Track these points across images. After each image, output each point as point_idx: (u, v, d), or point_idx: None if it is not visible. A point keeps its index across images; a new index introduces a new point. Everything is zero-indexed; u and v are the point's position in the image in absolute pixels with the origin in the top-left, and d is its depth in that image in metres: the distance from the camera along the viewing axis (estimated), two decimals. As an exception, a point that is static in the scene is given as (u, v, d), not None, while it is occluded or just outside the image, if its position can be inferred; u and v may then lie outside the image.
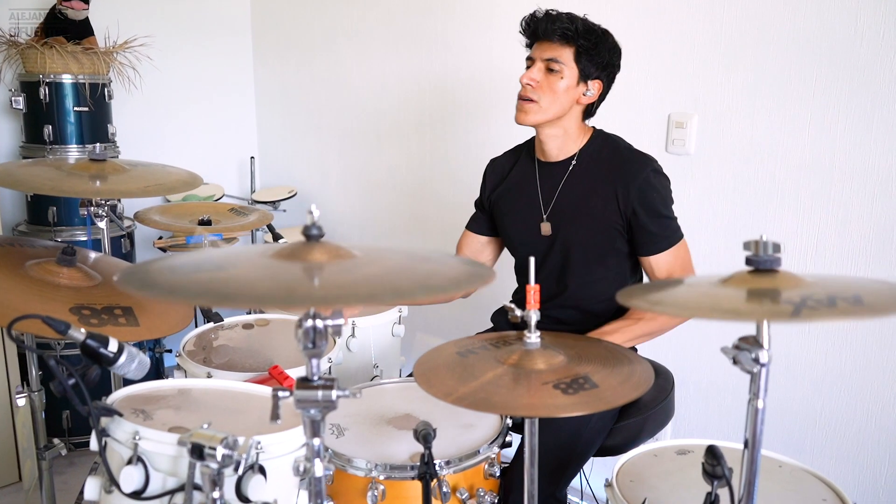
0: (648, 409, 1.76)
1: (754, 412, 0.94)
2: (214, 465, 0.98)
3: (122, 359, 1.21)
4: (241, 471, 1.04)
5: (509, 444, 1.58)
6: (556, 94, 1.69)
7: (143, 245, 3.30)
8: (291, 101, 3.61)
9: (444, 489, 1.38)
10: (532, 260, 1.16)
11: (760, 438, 0.94)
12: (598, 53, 1.69)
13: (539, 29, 1.69)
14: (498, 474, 1.49)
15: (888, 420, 1.93)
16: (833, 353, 1.99)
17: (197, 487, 1.11)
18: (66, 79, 2.79)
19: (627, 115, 2.26)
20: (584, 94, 1.72)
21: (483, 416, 1.59)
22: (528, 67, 1.73)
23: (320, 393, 0.95)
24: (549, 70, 1.69)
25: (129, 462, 1.15)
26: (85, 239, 2.87)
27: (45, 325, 1.18)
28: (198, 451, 0.98)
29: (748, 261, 0.91)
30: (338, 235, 3.46)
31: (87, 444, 2.90)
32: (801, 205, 2.00)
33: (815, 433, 2.04)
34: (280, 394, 0.97)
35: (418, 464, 1.36)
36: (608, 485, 1.34)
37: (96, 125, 2.90)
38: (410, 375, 1.90)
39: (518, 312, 1.18)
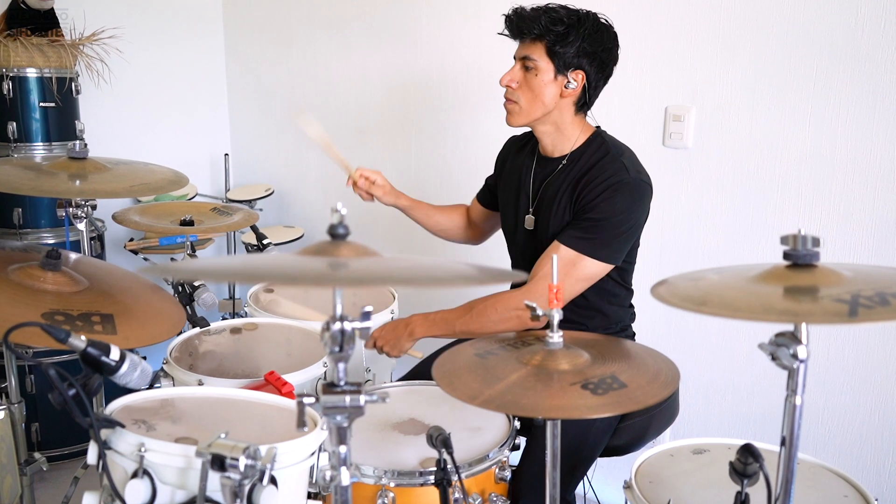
0: (653, 407, 1.76)
1: (792, 409, 0.95)
2: (236, 476, 0.97)
3: (125, 367, 1.19)
4: (264, 482, 1.02)
5: (517, 447, 1.58)
6: (534, 91, 1.70)
7: (112, 247, 3.24)
8: (266, 96, 3.57)
9: (457, 494, 1.38)
10: (555, 257, 1.17)
11: (798, 435, 0.96)
12: (569, 43, 1.65)
13: (510, 29, 1.72)
14: (509, 478, 1.49)
15: (892, 415, 1.97)
16: (835, 349, 2.03)
17: (208, 500, 1.10)
18: (31, 73, 2.72)
19: (624, 109, 2.28)
20: (565, 87, 1.70)
21: (490, 419, 1.59)
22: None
23: (348, 398, 0.94)
24: (525, 68, 1.71)
25: (135, 475, 1.13)
26: (52, 242, 2.81)
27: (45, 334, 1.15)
28: (219, 462, 0.96)
29: (786, 255, 0.92)
30: (317, 236, 3.43)
31: (58, 457, 2.82)
32: (803, 198, 2.03)
33: (819, 428, 2.08)
34: (305, 400, 0.96)
35: (430, 469, 1.37)
36: (627, 486, 1.35)
37: (63, 121, 2.83)
38: (404, 379, 1.90)
39: (540, 312, 1.18)
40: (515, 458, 1.64)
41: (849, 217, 1.97)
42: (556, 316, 1.17)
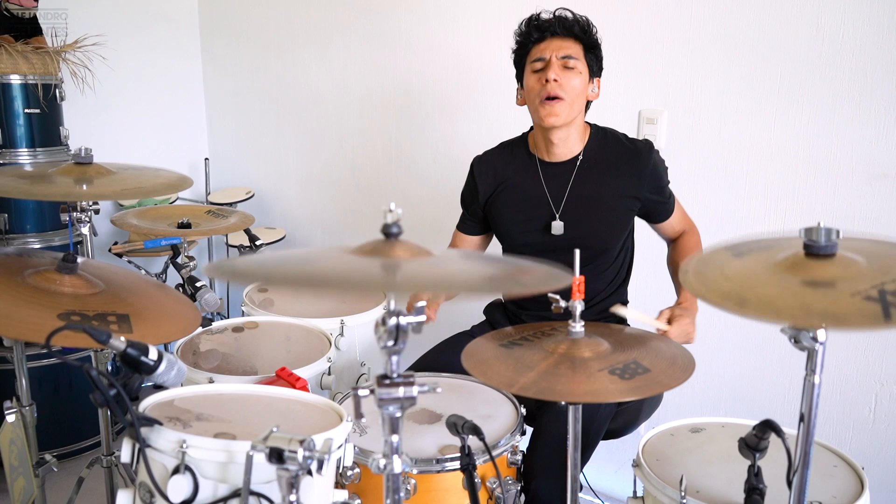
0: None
1: (811, 387, 0.98)
2: (294, 468, 0.95)
3: (162, 367, 1.16)
4: (323, 471, 1.00)
5: (524, 433, 1.59)
6: (576, 90, 1.71)
7: (96, 250, 3.13)
8: (245, 101, 3.50)
9: (476, 479, 1.38)
10: (577, 252, 1.18)
11: (816, 412, 0.99)
12: (599, 50, 1.76)
13: (556, 26, 1.70)
14: (520, 463, 1.50)
15: (848, 392, 2.06)
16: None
17: (252, 492, 1.08)
18: (15, 79, 2.61)
19: (600, 112, 2.29)
20: (591, 92, 1.78)
21: (498, 407, 1.60)
22: (537, 71, 1.72)
23: (402, 389, 0.94)
24: (565, 67, 1.70)
25: (176, 471, 1.10)
26: (39, 247, 2.71)
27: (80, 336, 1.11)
28: (277, 455, 0.95)
29: (807, 247, 0.95)
30: (298, 236, 3.39)
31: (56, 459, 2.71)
32: (768, 194, 2.10)
33: (791, 407, 2.15)
34: (360, 393, 0.95)
35: (449, 456, 1.37)
36: (636, 464, 1.37)
37: (48, 127, 2.73)
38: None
39: (562, 304, 1.19)
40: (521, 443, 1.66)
41: (811, 211, 2.04)
42: (579, 307, 1.18)
